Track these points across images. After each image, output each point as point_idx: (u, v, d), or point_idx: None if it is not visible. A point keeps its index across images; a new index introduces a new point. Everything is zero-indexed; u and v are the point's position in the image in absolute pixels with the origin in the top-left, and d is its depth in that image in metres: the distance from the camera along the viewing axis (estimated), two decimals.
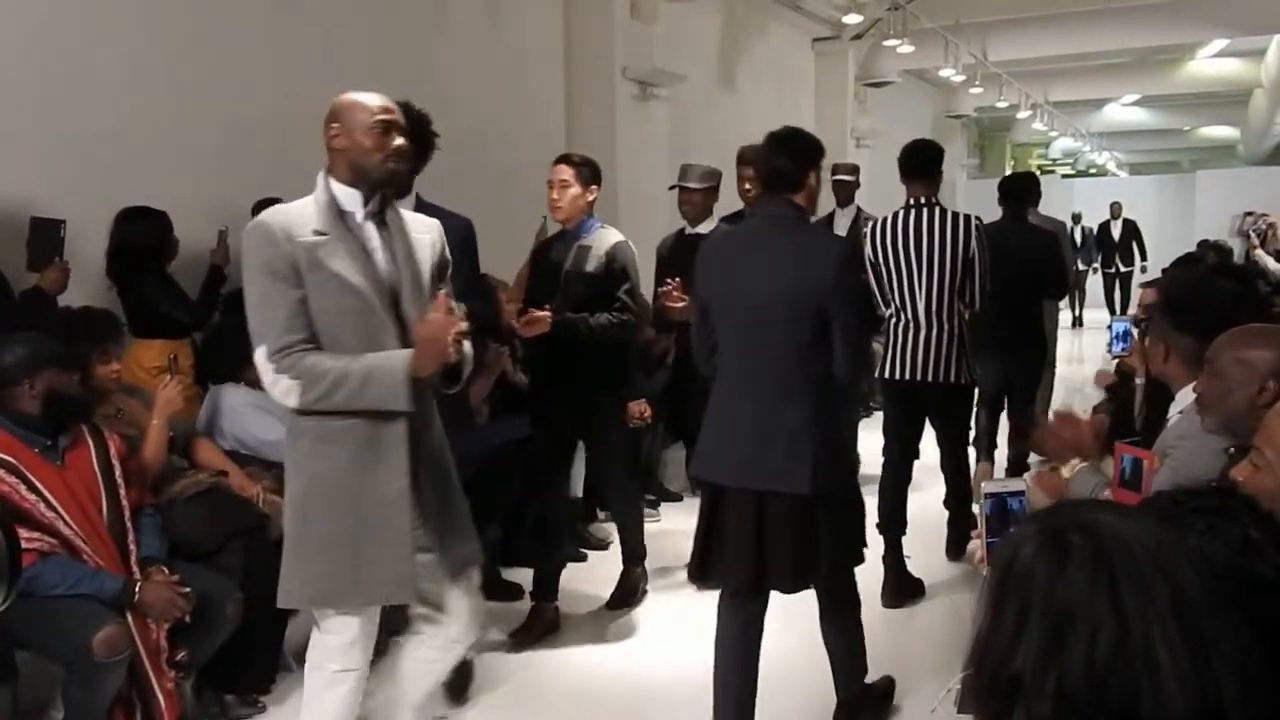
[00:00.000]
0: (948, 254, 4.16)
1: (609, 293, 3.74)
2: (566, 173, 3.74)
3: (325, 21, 5.35)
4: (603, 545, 4.86)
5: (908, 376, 4.21)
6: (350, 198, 2.38)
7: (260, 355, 2.28)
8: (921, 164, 4.29)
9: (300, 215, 2.33)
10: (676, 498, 5.61)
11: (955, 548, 4.68)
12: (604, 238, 3.78)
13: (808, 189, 2.85)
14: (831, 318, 2.71)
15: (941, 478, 4.67)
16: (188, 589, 2.87)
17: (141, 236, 4.04)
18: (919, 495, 4.59)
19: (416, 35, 5.96)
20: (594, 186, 3.77)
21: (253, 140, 4.88)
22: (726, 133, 9.55)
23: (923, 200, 4.24)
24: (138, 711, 2.80)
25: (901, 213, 4.27)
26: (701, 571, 2.94)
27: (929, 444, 4.56)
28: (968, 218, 4.26)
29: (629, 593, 4.20)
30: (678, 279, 4.04)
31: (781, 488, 2.72)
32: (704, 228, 4.77)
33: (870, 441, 4.89)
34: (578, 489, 4.96)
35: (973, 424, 4.99)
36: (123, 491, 2.95)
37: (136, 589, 2.79)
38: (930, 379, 4.20)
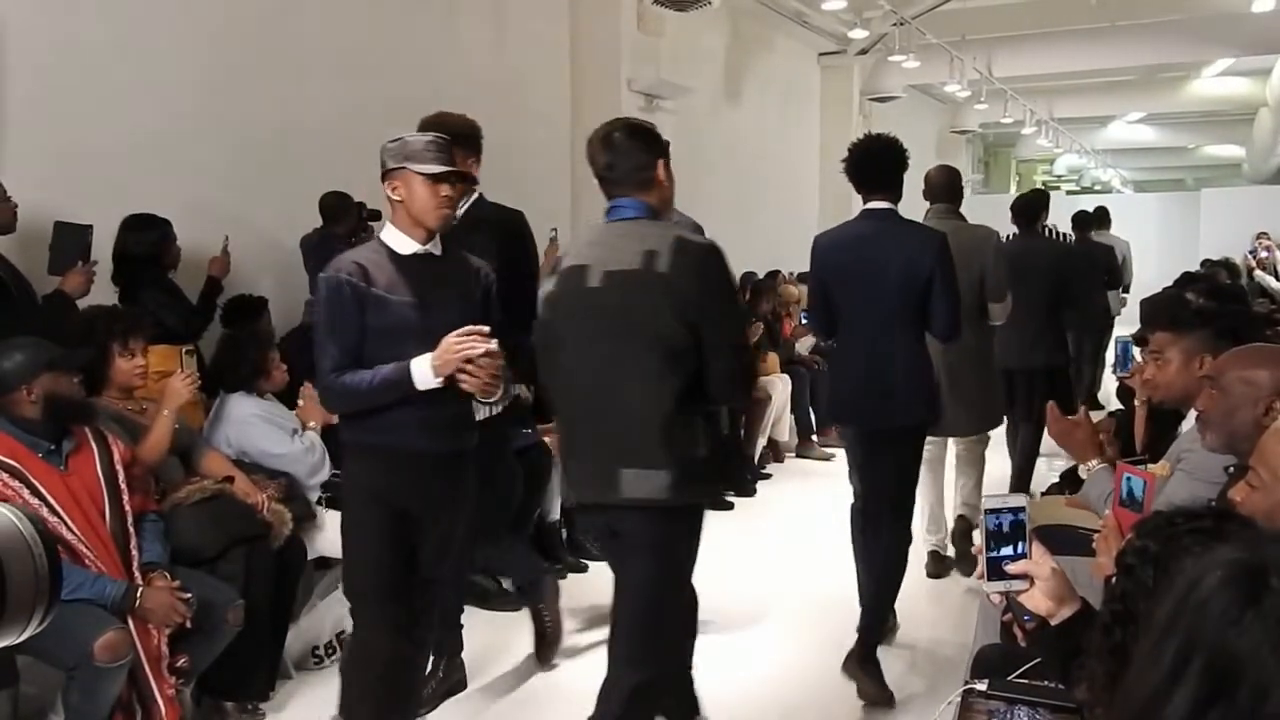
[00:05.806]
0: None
1: None
2: None
3: (332, 33, 5.38)
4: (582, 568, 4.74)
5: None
6: None
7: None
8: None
9: None
10: None
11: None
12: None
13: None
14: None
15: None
16: (189, 595, 2.87)
17: (143, 244, 4.06)
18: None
19: (423, 47, 5.98)
20: None
21: (260, 150, 4.91)
22: (733, 145, 9.63)
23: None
24: (138, 717, 2.80)
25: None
26: None
27: None
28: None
29: None
30: None
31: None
32: None
33: None
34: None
35: None
36: (125, 497, 2.95)
37: (138, 594, 2.79)
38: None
